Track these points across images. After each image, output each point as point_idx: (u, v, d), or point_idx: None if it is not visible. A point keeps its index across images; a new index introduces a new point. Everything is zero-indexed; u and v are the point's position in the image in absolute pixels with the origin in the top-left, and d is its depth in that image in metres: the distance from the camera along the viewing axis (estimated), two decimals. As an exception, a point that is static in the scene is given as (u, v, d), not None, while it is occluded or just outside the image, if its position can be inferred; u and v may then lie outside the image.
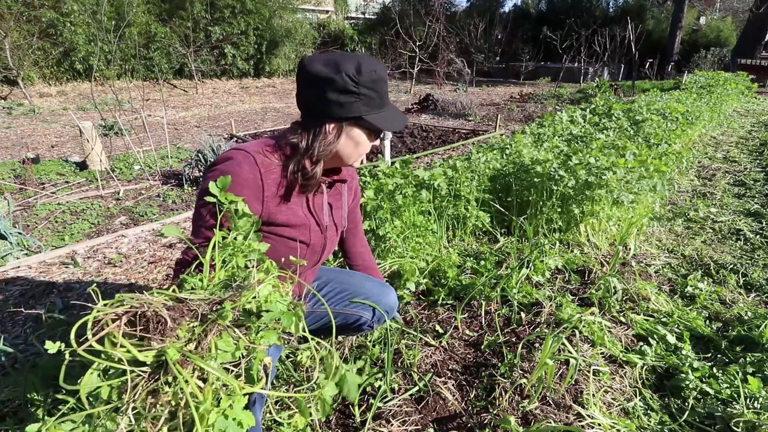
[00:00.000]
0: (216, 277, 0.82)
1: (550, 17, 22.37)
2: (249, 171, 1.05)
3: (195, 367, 0.64)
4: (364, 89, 1.04)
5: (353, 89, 1.03)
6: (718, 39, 19.97)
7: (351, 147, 1.13)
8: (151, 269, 2.51)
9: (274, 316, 0.71)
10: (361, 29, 20.67)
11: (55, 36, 10.77)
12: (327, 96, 1.04)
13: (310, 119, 1.10)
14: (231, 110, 10.00)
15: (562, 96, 11.89)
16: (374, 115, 1.08)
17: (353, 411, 1.42)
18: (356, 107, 1.05)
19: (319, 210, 1.22)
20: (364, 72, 1.03)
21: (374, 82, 1.05)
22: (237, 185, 1.03)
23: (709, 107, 6.78)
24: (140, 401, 0.62)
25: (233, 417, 0.65)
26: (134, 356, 0.63)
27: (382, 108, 1.10)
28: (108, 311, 0.65)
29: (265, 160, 1.08)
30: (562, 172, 2.54)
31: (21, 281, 2.37)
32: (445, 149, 5.76)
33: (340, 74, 1.02)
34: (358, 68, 1.03)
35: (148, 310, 0.65)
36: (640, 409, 1.47)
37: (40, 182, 4.28)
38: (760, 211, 3.29)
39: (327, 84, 1.03)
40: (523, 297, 2.06)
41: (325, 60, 1.04)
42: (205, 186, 1.00)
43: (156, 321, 0.65)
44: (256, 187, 1.06)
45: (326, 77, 1.02)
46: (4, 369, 1.59)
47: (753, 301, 2.14)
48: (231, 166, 1.05)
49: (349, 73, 1.02)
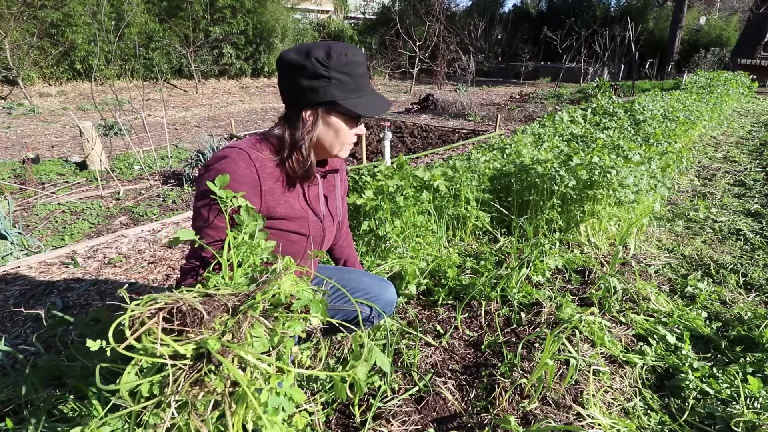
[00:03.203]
0: (235, 275, 0.84)
1: (550, 17, 22.37)
2: (245, 167, 1.06)
3: (234, 356, 0.66)
4: (335, 72, 1.03)
5: (324, 73, 1.03)
6: (719, 39, 19.96)
7: (331, 135, 1.12)
8: (151, 269, 2.51)
9: (303, 303, 0.74)
10: (360, 29, 20.68)
11: (56, 36, 10.78)
12: (300, 83, 1.05)
13: (290, 109, 1.11)
14: (231, 110, 10.00)
15: (562, 96, 11.89)
16: (349, 99, 1.07)
17: (353, 411, 1.42)
18: (329, 92, 1.04)
19: (315, 201, 1.23)
20: (333, 55, 1.02)
21: (345, 65, 1.04)
22: (235, 182, 1.03)
23: (709, 107, 6.78)
24: (183, 393, 0.63)
25: (284, 393, 0.68)
26: (174, 350, 0.64)
27: (359, 92, 1.08)
28: (144, 309, 0.66)
29: (258, 156, 1.09)
30: (562, 172, 2.54)
31: (21, 281, 2.37)
32: (445, 149, 5.76)
33: (309, 59, 1.02)
34: (327, 52, 1.02)
35: (183, 305, 0.67)
36: (640, 409, 1.47)
37: (40, 182, 4.28)
38: (760, 211, 3.29)
39: (299, 71, 1.04)
40: (523, 297, 2.06)
41: (297, 49, 1.06)
42: (204, 187, 1.00)
43: (192, 315, 0.67)
44: (254, 183, 1.07)
45: (297, 64, 1.04)
46: (4, 369, 1.59)
47: (753, 301, 2.14)
48: (227, 164, 1.05)
49: (318, 58, 1.02)
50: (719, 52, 17.91)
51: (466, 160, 3.06)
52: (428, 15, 15.20)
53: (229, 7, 13.81)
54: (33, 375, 1.37)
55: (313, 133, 1.11)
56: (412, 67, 14.66)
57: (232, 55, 14.27)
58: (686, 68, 16.95)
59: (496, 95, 13.37)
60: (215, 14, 13.64)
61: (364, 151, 4.80)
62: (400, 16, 15.98)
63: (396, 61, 16.86)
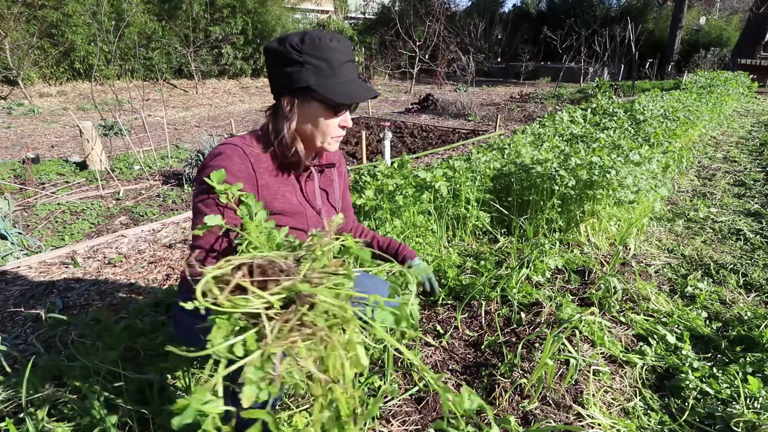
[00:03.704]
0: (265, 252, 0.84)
1: (550, 17, 22.38)
2: (240, 162, 1.06)
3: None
4: (309, 57, 1.02)
5: (297, 58, 1.02)
6: (719, 39, 19.97)
7: (310, 124, 1.10)
8: (151, 269, 2.51)
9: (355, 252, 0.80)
10: (360, 29, 20.67)
11: (56, 36, 10.78)
12: (278, 71, 1.06)
13: (275, 100, 1.12)
14: (231, 110, 10.00)
15: (563, 96, 11.89)
16: (324, 86, 1.04)
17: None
18: (303, 77, 1.03)
19: (312, 196, 1.22)
20: (306, 40, 1.02)
21: (318, 49, 1.02)
22: (232, 177, 1.03)
23: (709, 107, 6.78)
24: (283, 339, 0.62)
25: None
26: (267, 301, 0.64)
27: (337, 79, 1.05)
28: (225, 266, 0.67)
29: (252, 151, 1.09)
30: (562, 171, 2.54)
31: (21, 281, 2.37)
32: (445, 149, 5.76)
33: (283, 45, 1.03)
34: (302, 38, 1.02)
35: (261, 261, 0.68)
36: (640, 409, 1.47)
37: (40, 182, 4.28)
38: (760, 211, 3.29)
39: (276, 58, 1.05)
40: (523, 297, 2.06)
41: (278, 38, 1.06)
42: (203, 187, 1.00)
43: (272, 267, 0.68)
44: (250, 177, 1.07)
45: (274, 51, 1.04)
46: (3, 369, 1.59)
47: (753, 301, 2.14)
48: (222, 160, 1.05)
49: (291, 43, 1.02)
50: (719, 52, 17.91)
51: (466, 161, 3.06)
52: (428, 15, 15.20)
53: (228, 7, 13.81)
54: (33, 375, 1.37)
55: (292, 121, 1.09)
56: (412, 67, 14.66)
57: (232, 55, 14.27)
58: (686, 68, 16.94)
59: (496, 95, 13.36)
60: (215, 14, 13.64)
61: (364, 151, 4.80)
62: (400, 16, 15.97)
63: (396, 61, 16.86)
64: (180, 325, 1.22)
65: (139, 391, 1.40)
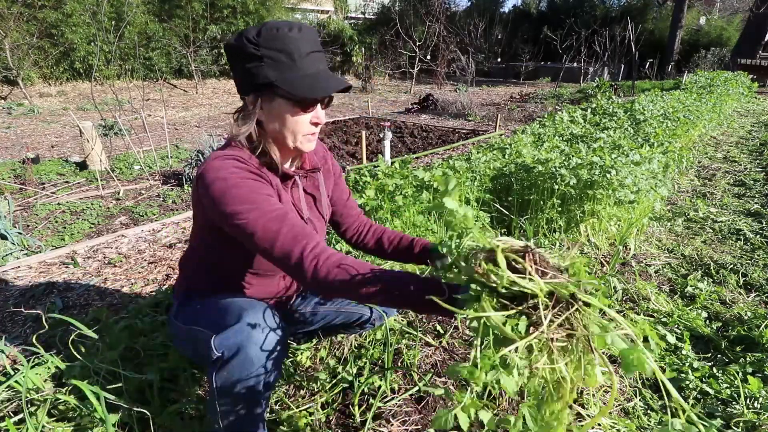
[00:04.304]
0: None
1: (550, 17, 22.38)
2: (245, 167, 1.02)
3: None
4: (266, 50, 0.94)
5: (254, 52, 0.94)
6: (719, 39, 19.97)
7: (277, 123, 1.02)
8: (151, 269, 2.51)
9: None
10: (360, 29, 20.67)
11: (56, 36, 10.78)
12: (238, 68, 0.99)
13: (241, 100, 1.06)
14: (231, 110, 9.96)
15: (563, 96, 11.89)
16: (286, 80, 0.96)
17: (353, 411, 1.42)
18: (263, 72, 0.95)
19: (298, 203, 1.18)
20: (263, 32, 0.94)
21: (276, 39, 0.94)
22: (262, 185, 1.00)
23: (709, 107, 6.78)
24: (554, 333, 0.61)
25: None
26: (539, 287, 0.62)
27: (300, 71, 0.97)
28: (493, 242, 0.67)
29: (243, 155, 1.05)
30: (563, 170, 2.54)
31: (21, 281, 2.37)
32: (445, 149, 5.76)
33: (241, 39, 0.95)
34: (258, 30, 0.94)
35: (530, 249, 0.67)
36: (640, 409, 1.47)
37: (40, 182, 4.28)
38: (760, 211, 3.29)
39: (235, 55, 0.99)
40: (523, 297, 2.06)
41: (237, 33, 0.99)
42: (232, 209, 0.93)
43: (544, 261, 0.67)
44: (267, 181, 1.05)
45: (233, 47, 0.98)
46: (4, 369, 1.59)
47: (753, 301, 2.14)
48: (228, 175, 0.98)
49: (248, 37, 0.94)
50: (719, 52, 17.91)
51: (467, 160, 3.06)
52: (428, 15, 15.21)
53: (229, 8, 13.81)
54: (33, 375, 1.37)
55: (255, 119, 1.03)
56: (412, 67, 14.66)
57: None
58: (686, 68, 16.94)
59: (496, 95, 13.36)
60: (215, 14, 13.64)
61: (364, 151, 4.80)
62: (400, 16, 15.98)
63: (396, 61, 16.86)
64: (173, 329, 1.22)
65: (139, 391, 1.40)
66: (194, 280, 1.25)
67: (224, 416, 1.03)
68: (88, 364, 1.40)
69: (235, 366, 0.98)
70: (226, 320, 1.02)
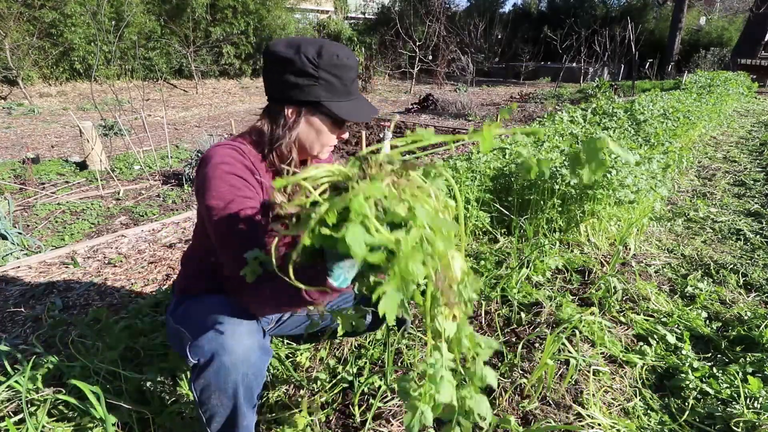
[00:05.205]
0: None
1: (550, 17, 22.38)
2: (243, 160, 1.04)
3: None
4: (324, 73, 1.00)
5: (312, 72, 0.99)
6: (719, 39, 19.96)
7: (312, 135, 1.08)
8: (151, 269, 2.51)
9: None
10: (360, 29, 20.67)
11: (56, 36, 10.78)
12: (286, 78, 1.01)
13: (272, 103, 1.08)
14: (231, 110, 10.00)
15: (563, 96, 11.89)
16: (335, 102, 1.03)
17: (353, 411, 1.42)
18: (315, 91, 1.01)
19: None
20: (324, 55, 0.98)
21: (336, 66, 1.00)
22: (243, 187, 1.00)
23: (709, 107, 6.78)
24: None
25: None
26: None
27: (347, 97, 1.05)
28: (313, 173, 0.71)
29: (250, 150, 1.07)
30: (564, 170, 2.54)
31: (21, 281, 2.37)
32: (446, 149, 5.75)
33: (299, 55, 0.98)
34: (318, 51, 0.99)
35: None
36: (640, 409, 1.47)
37: (40, 182, 4.28)
38: (760, 211, 3.29)
39: (286, 65, 1.00)
40: (523, 297, 2.06)
41: (288, 42, 1.02)
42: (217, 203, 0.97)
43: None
44: (254, 173, 1.06)
45: (285, 58, 0.99)
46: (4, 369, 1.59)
47: (753, 301, 2.14)
48: (225, 158, 1.02)
49: (308, 55, 0.98)
50: (719, 52, 17.91)
51: (467, 160, 3.06)
52: (428, 15, 15.20)
53: (230, 8, 13.81)
54: (33, 375, 1.37)
55: (295, 130, 1.07)
56: (412, 67, 14.65)
57: (233, 54, 14.27)
58: (686, 68, 16.94)
59: (496, 95, 13.36)
60: (216, 14, 13.64)
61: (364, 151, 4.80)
62: (400, 16, 15.98)
63: (396, 61, 16.86)
64: (167, 325, 1.22)
65: (139, 391, 1.40)
66: (191, 278, 1.25)
67: (209, 423, 1.02)
68: (88, 364, 1.40)
69: (210, 374, 0.95)
70: (206, 325, 1.00)
